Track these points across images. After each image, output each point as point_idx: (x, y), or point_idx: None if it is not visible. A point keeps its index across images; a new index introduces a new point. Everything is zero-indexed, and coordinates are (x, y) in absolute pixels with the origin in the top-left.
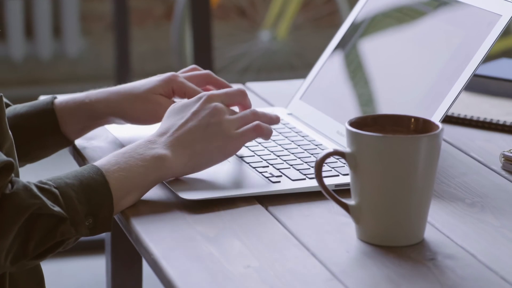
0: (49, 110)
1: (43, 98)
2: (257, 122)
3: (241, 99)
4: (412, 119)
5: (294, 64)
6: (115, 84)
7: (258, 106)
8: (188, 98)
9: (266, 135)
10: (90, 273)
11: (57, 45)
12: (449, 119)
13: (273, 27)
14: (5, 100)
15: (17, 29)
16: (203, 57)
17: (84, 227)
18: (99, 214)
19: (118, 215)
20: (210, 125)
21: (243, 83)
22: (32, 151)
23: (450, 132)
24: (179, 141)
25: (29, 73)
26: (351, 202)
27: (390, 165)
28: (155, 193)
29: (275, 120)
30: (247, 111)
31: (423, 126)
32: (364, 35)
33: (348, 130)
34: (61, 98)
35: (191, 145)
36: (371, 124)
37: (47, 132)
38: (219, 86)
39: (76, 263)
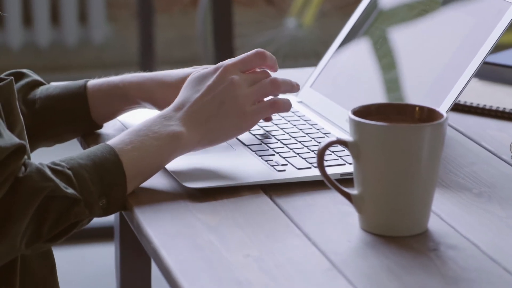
0: (82, 94)
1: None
2: (273, 98)
3: (260, 62)
4: (417, 108)
5: (320, 51)
6: (140, 71)
7: None
8: None
9: (284, 110)
10: (99, 261)
11: (83, 32)
12: (461, 108)
13: (300, 14)
14: (36, 77)
15: (43, 16)
16: (224, 44)
17: (98, 208)
18: (112, 194)
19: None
20: (225, 101)
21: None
22: (63, 133)
23: (462, 121)
24: (194, 117)
25: (55, 60)
26: (354, 191)
27: (393, 155)
28: (158, 181)
29: (296, 87)
30: (266, 80)
31: (427, 115)
32: (374, 23)
33: (350, 119)
34: (94, 81)
35: (206, 121)
36: (375, 113)
37: (78, 116)
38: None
39: (86, 251)
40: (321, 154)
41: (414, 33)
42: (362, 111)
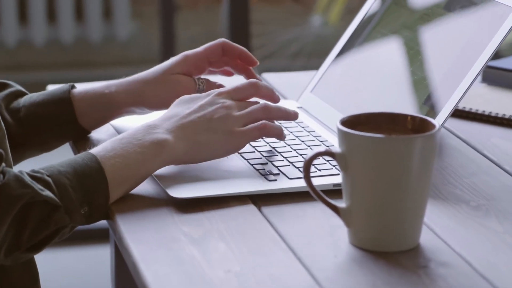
0: (66, 99)
1: (60, 86)
2: (263, 121)
3: (253, 92)
4: (409, 118)
5: None
6: None
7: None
8: (209, 59)
9: (274, 135)
10: (95, 263)
11: (107, 28)
12: (465, 115)
13: (325, 12)
14: (19, 88)
15: (68, 12)
16: (240, 42)
17: (80, 215)
18: (94, 202)
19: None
20: (214, 120)
21: (293, 68)
22: (49, 140)
23: (465, 129)
24: (182, 129)
25: (78, 56)
26: (342, 204)
27: (382, 167)
28: (144, 189)
29: (293, 116)
30: (258, 105)
31: (420, 124)
32: (376, 28)
33: (338, 129)
34: (80, 88)
35: (194, 134)
36: (365, 122)
37: (64, 122)
38: (236, 52)
39: (81, 252)
40: (307, 166)
41: (416, 37)
42: (352, 121)
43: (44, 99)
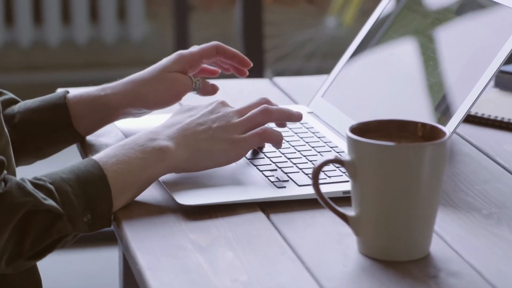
0: (62, 104)
1: (60, 90)
2: (263, 127)
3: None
4: (419, 125)
5: None
6: None
7: (281, 102)
8: (203, 56)
9: (274, 141)
10: (103, 265)
11: (122, 29)
12: (478, 120)
13: (340, 13)
14: (12, 96)
15: (82, 13)
16: (253, 43)
17: (82, 223)
18: (97, 209)
19: (114, 219)
20: (215, 128)
21: (307, 69)
22: (44, 146)
23: (478, 134)
24: (184, 136)
25: (93, 57)
26: (351, 213)
27: (391, 175)
28: (152, 195)
29: (296, 117)
30: (258, 110)
31: (430, 132)
32: (388, 32)
33: (347, 137)
34: (74, 92)
35: (195, 142)
36: (375, 129)
37: (59, 127)
38: (230, 55)
39: (89, 255)
40: (315, 173)
41: (427, 42)
42: (361, 128)
43: (39, 105)
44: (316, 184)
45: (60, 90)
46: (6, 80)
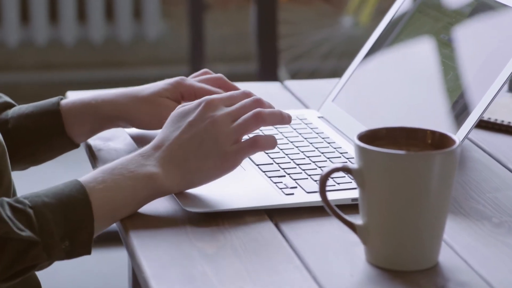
0: (55, 111)
1: (70, 92)
2: (255, 135)
3: (252, 105)
4: (428, 132)
5: None
6: (190, 69)
7: (292, 106)
8: (197, 94)
9: (267, 149)
10: (112, 265)
11: (137, 28)
12: (491, 126)
13: (356, 13)
14: (7, 99)
15: (98, 12)
16: (268, 43)
17: (59, 251)
18: (77, 237)
19: (119, 225)
20: (205, 141)
21: (324, 70)
22: (37, 153)
23: (491, 140)
24: (173, 157)
25: (108, 56)
26: (359, 221)
27: (400, 184)
28: (159, 201)
29: (286, 119)
30: (250, 114)
31: (439, 140)
32: (400, 35)
33: (355, 145)
34: (69, 99)
35: (185, 161)
36: (384, 137)
37: (53, 134)
38: (230, 90)
39: (98, 255)
40: (323, 181)
41: (438, 46)
42: (370, 136)
43: (33, 111)
44: (323, 192)
45: (68, 93)
46: (22, 79)
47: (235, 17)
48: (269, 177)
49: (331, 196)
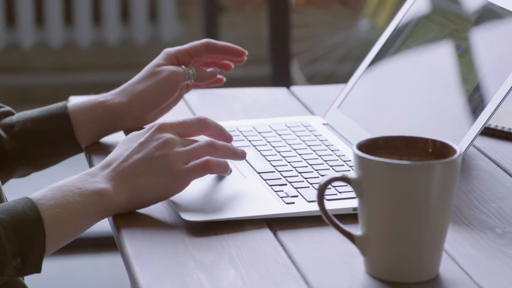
0: (64, 114)
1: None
2: (206, 158)
3: (200, 128)
4: (429, 141)
5: None
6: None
7: (298, 113)
8: (191, 54)
9: (219, 172)
10: (112, 269)
11: (153, 30)
12: (499, 134)
13: (373, 16)
14: (9, 108)
15: (113, 13)
16: (280, 47)
17: (11, 268)
18: (29, 254)
19: (115, 232)
20: (155, 159)
21: (340, 73)
22: (43, 156)
23: (498, 149)
24: (121, 175)
25: (124, 58)
26: (358, 232)
27: (399, 194)
28: (158, 210)
29: (240, 155)
30: (203, 142)
31: (440, 149)
32: (406, 41)
33: (353, 154)
34: (74, 101)
35: (133, 179)
36: (384, 146)
37: (60, 137)
38: (221, 49)
39: (100, 260)
40: (321, 191)
41: (443, 53)
42: (369, 145)
43: (40, 114)
44: (321, 202)
45: (71, 98)
46: (37, 81)
47: (252, 19)
48: (270, 185)
49: (332, 205)
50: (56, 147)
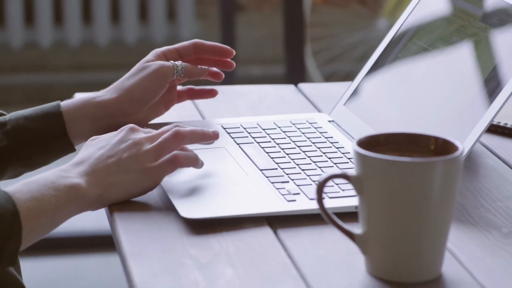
0: (57, 112)
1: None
2: (174, 152)
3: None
4: (431, 138)
5: None
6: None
7: (304, 110)
8: (180, 53)
9: (188, 166)
10: (111, 270)
11: (171, 29)
12: (508, 132)
13: (392, 16)
14: (1, 111)
15: (131, 13)
16: (295, 46)
17: None
18: (4, 247)
19: (112, 229)
20: (125, 159)
21: (357, 72)
22: (35, 155)
23: (506, 147)
24: (94, 171)
25: (142, 57)
26: (358, 230)
27: (400, 192)
28: (156, 206)
29: (212, 136)
30: (168, 134)
31: (442, 146)
32: (412, 39)
33: (353, 151)
34: (66, 100)
35: (106, 176)
36: (385, 143)
37: (53, 135)
38: (209, 48)
39: (99, 259)
40: (319, 189)
41: (449, 54)
42: (370, 142)
43: (33, 113)
44: (320, 200)
45: (77, 94)
46: (55, 79)
47: (269, 19)
48: (272, 182)
49: (334, 203)
50: (49, 145)
